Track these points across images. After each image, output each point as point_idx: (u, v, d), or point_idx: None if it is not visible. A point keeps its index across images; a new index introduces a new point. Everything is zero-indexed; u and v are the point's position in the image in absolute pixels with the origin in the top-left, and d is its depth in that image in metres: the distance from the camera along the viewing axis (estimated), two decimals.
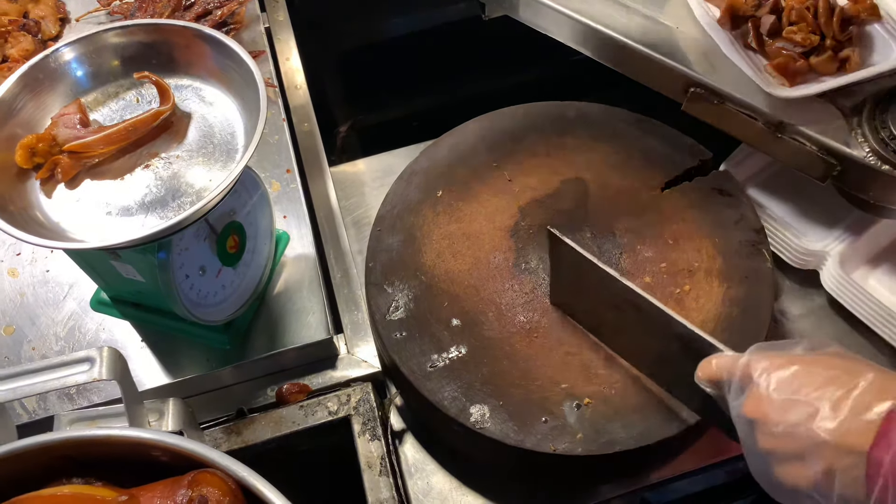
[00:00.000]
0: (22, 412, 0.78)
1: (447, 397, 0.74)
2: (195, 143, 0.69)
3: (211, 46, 0.70)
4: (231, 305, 0.80)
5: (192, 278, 0.73)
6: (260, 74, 0.66)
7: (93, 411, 0.67)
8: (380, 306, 0.80)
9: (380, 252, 0.84)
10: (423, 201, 0.87)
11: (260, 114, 0.64)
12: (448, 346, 0.77)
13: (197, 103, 0.71)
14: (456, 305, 0.79)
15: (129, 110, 0.71)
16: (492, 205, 0.86)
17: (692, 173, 0.89)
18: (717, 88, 0.81)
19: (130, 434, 0.57)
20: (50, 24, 1.10)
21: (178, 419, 0.68)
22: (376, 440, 0.77)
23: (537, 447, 0.71)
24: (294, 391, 0.79)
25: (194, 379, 0.81)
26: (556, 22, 0.90)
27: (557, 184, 0.88)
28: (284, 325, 0.83)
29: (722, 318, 0.77)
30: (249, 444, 0.77)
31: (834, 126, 0.77)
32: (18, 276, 0.88)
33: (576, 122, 0.93)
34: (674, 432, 0.71)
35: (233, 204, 0.75)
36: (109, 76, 0.72)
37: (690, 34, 0.85)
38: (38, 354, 0.82)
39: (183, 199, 0.66)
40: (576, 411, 0.72)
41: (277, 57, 1.11)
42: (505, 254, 0.83)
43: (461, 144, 0.92)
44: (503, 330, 0.78)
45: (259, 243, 0.82)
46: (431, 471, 0.82)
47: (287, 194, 0.93)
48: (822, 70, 0.78)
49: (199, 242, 0.72)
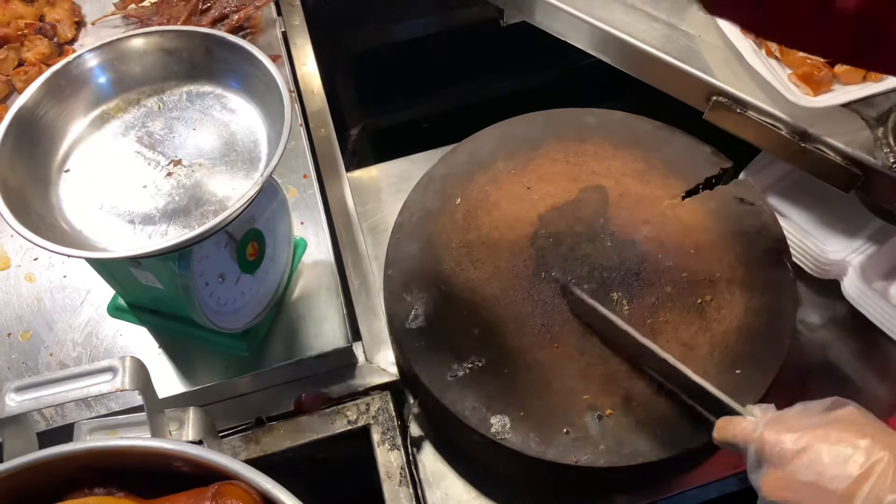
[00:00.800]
0: (40, 420, 0.78)
1: (467, 407, 0.73)
2: (217, 150, 0.68)
3: (233, 53, 0.69)
4: (250, 312, 0.79)
5: (211, 286, 0.72)
6: (283, 82, 0.66)
7: (112, 420, 0.67)
8: (399, 315, 0.79)
9: (399, 260, 0.83)
10: (442, 209, 0.87)
11: (284, 122, 0.64)
12: (468, 356, 0.76)
13: (219, 111, 0.71)
14: (475, 314, 0.79)
15: (150, 117, 0.70)
16: (511, 213, 0.86)
17: (712, 182, 0.88)
18: (740, 97, 0.80)
19: (153, 445, 0.57)
20: (66, 28, 1.10)
21: (199, 428, 0.68)
22: (396, 450, 0.77)
23: (559, 459, 0.70)
24: (313, 400, 0.79)
25: (212, 387, 0.80)
26: (575, 28, 0.90)
27: (577, 192, 0.87)
28: (302, 332, 0.83)
29: (744, 328, 0.77)
30: (268, 453, 0.76)
31: (858, 136, 0.76)
32: (35, 281, 0.88)
33: (595, 129, 0.93)
34: (697, 444, 0.71)
35: (252, 211, 0.75)
36: (131, 83, 0.71)
37: (712, 42, 0.84)
38: (56, 360, 0.82)
39: (206, 207, 0.65)
40: (598, 423, 0.72)
41: (294, 62, 1.10)
42: (525, 262, 0.82)
43: (479, 151, 0.92)
44: (523, 339, 0.77)
45: (278, 250, 0.81)
46: (450, 481, 0.81)
47: (304, 200, 0.93)
48: (847, 80, 0.78)
49: (218, 250, 0.72)
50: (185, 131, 0.69)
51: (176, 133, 0.69)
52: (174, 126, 0.70)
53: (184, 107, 0.71)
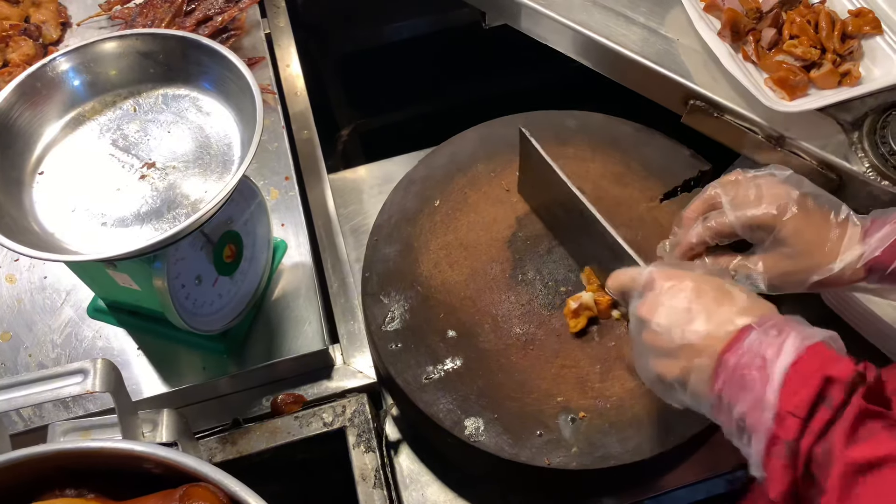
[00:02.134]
0: (18, 420, 0.78)
1: (442, 410, 0.74)
2: (191, 153, 0.68)
3: (208, 57, 0.70)
4: (227, 315, 0.79)
5: (187, 288, 0.73)
6: (257, 87, 0.66)
7: (87, 421, 0.67)
8: (376, 317, 0.80)
9: (376, 262, 0.84)
10: (421, 211, 0.87)
11: (256, 126, 0.64)
12: (444, 358, 0.77)
13: (194, 114, 0.71)
14: (452, 317, 0.79)
15: (125, 120, 0.70)
16: (489, 215, 0.86)
17: (691, 184, 0.88)
18: (717, 101, 0.80)
19: (122, 447, 0.57)
20: (51, 29, 1.10)
21: (173, 430, 0.68)
22: (371, 452, 0.77)
23: (532, 461, 0.71)
24: (289, 402, 0.79)
25: (190, 388, 0.81)
26: (556, 32, 0.90)
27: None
28: (281, 334, 0.83)
29: None
30: (244, 454, 0.77)
31: (834, 140, 0.76)
32: (16, 281, 0.88)
33: (575, 131, 0.93)
34: (669, 447, 0.71)
35: (229, 213, 0.75)
36: (107, 85, 0.71)
37: (691, 46, 0.85)
38: (35, 361, 0.82)
39: (178, 210, 0.66)
40: (571, 425, 0.72)
41: (278, 63, 1.10)
42: (502, 264, 0.82)
43: (459, 153, 0.92)
44: (499, 342, 0.77)
45: (256, 252, 0.81)
46: (427, 482, 0.81)
47: (285, 202, 0.93)
48: (823, 84, 0.78)
49: (195, 252, 0.72)
50: (160, 134, 0.70)
51: (151, 136, 0.70)
52: (149, 129, 0.70)
53: (159, 109, 0.71)
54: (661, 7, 0.88)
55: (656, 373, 0.59)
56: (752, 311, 0.56)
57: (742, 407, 0.52)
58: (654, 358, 0.59)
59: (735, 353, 0.53)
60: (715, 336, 0.55)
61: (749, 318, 0.54)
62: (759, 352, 0.52)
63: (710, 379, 0.55)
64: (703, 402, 0.56)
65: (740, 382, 0.52)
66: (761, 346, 0.52)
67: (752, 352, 0.52)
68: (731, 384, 0.53)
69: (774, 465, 0.50)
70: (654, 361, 0.59)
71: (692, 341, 0.56)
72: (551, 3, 0.89)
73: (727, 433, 0.56)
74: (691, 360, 0.56)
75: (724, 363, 0.54)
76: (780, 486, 0.50)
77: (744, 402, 0.52)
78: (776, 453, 0.50)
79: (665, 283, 0.59)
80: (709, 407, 0.56)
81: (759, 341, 0.53)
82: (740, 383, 0.52)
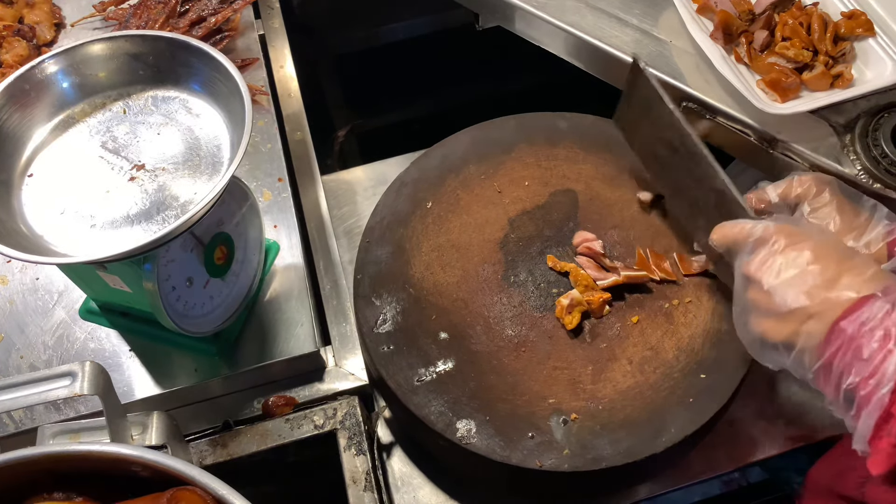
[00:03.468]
0: (9, 422, 0.78)
1: (434, 412, 0.73)
2: (181, 155, 0.68)
3: (197, 58, 0.69)
4: (219, 317, 0.79)
5: (178, 290, 0.73)
6: (246, 88, 0.66)
7: (76, 424, 0.67)
8: (367, 319, 0.80)
9: (368, 264, 0.83)
10: (413, 212, 0.87)
11: (245, 127, 0.64)
12: (435, 360, 0.76)
13: (184, 115, 0.71)
14: (444, 318, 0.79)
15: (115, 122, 0.70)
16: (481, 216, 0.86)
17: None
18: (709, 103, 0.80)
19: (110, 450, 0.57)
20: (45, 30, 1.10)
21: (162, 433, 0.68)
22: (362, 455, 0.77)
23: (523, 463, 0.70)
24: (280, 404, 0.79)
25: (181, 390, 0.80)
26: (549, 34, 0.90)
27: (547, 195, 0.87)
28: (273, 336, 0.83)
29: (711, 332, 0.77)
30: (235, 456, 0.76)
31: (826, 143, 0.76)
32: (8, 283, 0.88)
33: (567, 133, 0.93)
34: (661, 449, 0.71)
35: (220, 215, 0.75)
36: (96, 87, 0.71)
37: (683, 48, 0.84)
38: (27, 363, 0.82)
39: (168, 212, 0.65)
40: (562, 427, 0.72)
41: (272, 64, 1.10)
42: (494, 266, 0.82)
43: (451, 155, 0.92)
44: (491, 344, 0.77)
45: (248, 254, 0.81)
46: (419, 484, 0.81)
47: (278, 203, 0.93)
48: (815, 86, 0.78)
49: (185, 254, 0.72)
50: (150, 136, 0.70)
51: (140, 137, 0.70)
52: (138, 130, 0.70)
53: (149, 111, 0.71)
54: (654, 9, 0.88)
55: (759, 332, 0.57)
56: (876, 280, 0.54)
57: (855, 378, 0.51)
58: (760, 318, 0.57)
59: (853, 321, 0.51)
60: (834, 302, 0.53)
61: (873, 287, 0.53)
62: (883, 323, 0.50)
63: (820, 345, 0.53)
64: (807, 369, 0.55)
65: (856, 352, 0.51)
66: (886, 317, 0.50)
67: (873, 322, 0.51)
68: (844, 353, 0.51)
69: (884, 443, 0.49)
70: (760, 321, 0.57)
71: (806, 305, 0.54)
72: (544, 4, 0.89)
73: (828, 402, 0.54)
74: (802, 323, 0.54)
75: (840, 331, 0.52)
76: (884, 466, 0.49)
77: (857, 373, 0.50)
78: (888, 431, 0.49)
79: (783, 239, 0.57)
80: (812, 374, 0.54)
81: (885, 312, 0.51)
82: (856, 353, 0.51)
